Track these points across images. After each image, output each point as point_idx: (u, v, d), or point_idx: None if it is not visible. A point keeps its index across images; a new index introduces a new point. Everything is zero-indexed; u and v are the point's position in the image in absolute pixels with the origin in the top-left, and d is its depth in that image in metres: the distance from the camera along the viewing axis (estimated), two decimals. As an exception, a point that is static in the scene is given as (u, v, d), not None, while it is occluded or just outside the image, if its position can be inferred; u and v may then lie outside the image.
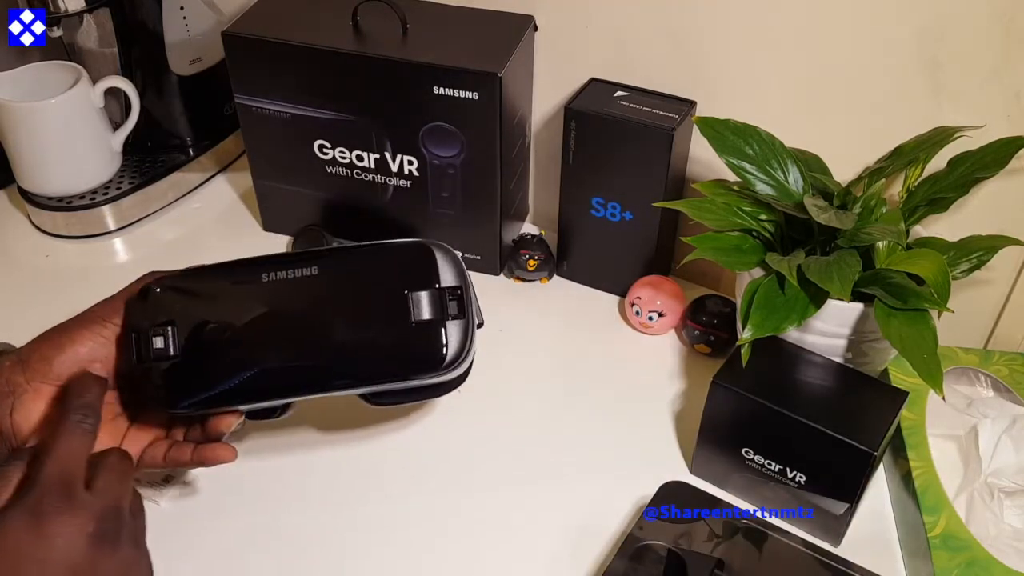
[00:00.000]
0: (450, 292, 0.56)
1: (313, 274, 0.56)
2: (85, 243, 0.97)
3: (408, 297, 0.55)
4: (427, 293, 0.55)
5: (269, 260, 0.59)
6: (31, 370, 0.55)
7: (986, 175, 0.68)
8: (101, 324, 0.57)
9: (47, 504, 0.45)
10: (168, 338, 0.55)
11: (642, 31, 0.81)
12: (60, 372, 0.55)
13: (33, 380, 0.55)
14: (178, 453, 0.59)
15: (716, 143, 0.72)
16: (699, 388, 0.78)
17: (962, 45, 0.69)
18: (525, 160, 0.94)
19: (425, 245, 0.57)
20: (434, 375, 0.56)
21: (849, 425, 0.62)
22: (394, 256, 0.58)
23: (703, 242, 0.69)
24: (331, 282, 0.57)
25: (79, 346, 0.56)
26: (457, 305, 0.56)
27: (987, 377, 0.75)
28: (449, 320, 0.55)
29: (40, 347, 0.57)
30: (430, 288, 0.56)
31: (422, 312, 0.55)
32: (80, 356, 0.56)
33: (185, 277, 0.58)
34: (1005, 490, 0.66)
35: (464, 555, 0.67)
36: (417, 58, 0.80)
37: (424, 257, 0.57)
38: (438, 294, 0.56)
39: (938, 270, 0.62)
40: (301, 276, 0.56)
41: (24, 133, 0.92)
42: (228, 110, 1.03)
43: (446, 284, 0.56)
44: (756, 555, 0.61)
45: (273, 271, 0.56)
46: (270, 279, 0.56)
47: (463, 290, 0.57)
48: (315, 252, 0.58)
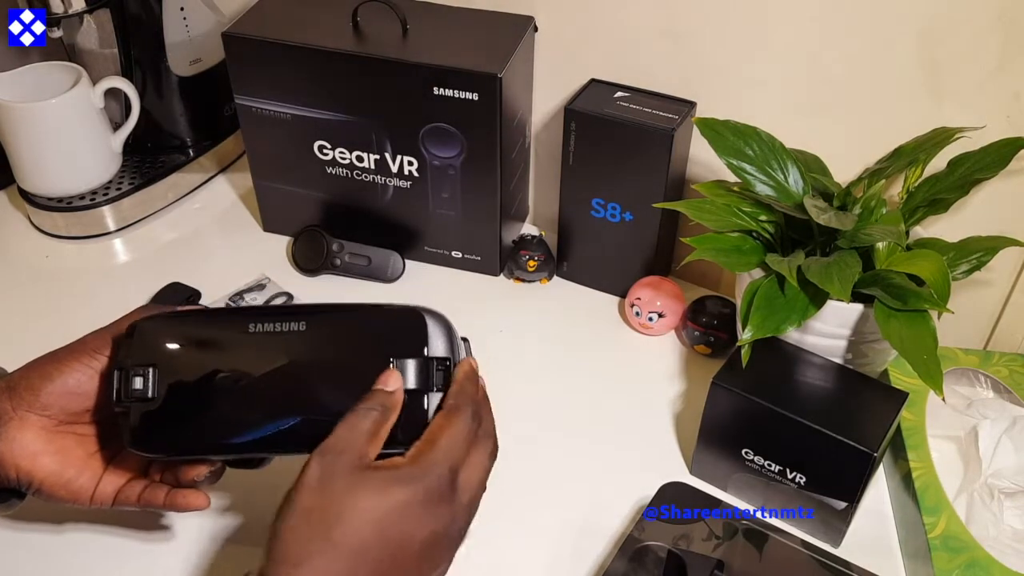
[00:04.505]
0: (438, 363, 0.55)
1: (300, 330, 0.55)
2: (85, 244, 0.97)
3: (392, 364, 0.54)
4: (413, 362, 0.54)
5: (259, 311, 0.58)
6: (18, 398, 0.55)
7: (986, 176, 0.68)
8: (91, 356, 0.56)
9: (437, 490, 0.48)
10: (148, 379, 0.54)
11: (642, 31, 0.81)
12: (47, 402, 0.55)
13: (19, 408, 0.54)
14: (152, 495, 0.58)
15: (716, 144, 0.72)
16: (699, 388, 0.78)
17: (962, 45, 0.69)
18: (525, 161, 0.94)
19: (417, 311, 0.56)
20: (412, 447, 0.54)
21: (849, 426, 0.62)
22: (385, 320, 0.57)
23: (703, 243, 0.69)
24: (317, 340, 0.55)
25: (67, 377, 0.55)
26: (443, 376, 0.54)
27: (987, 378, 0.75)
28: (433, 392, 0.54)
29: (28, 375, 0.56)
30: (417, 357, 0.54)
31: (406, 381, 0.54)
32: (68, 387, 0.55)
33: (174, 319, 0.57)
34: (1005, 491, 0.66)
35: (464, 555, 0.67)
36: (417, 59, 0.80)
37: (414, 324, 0.55)
38: (424, 363, 0.54)
39: (938, 271, 0.62)
40: (288, 331, 0.55)
41: (24, 133, 0.92)
42: (228, 110, 1.03)
43: (435, 354, 0.55)
44: (756, 556, 0.61)
45: (260, 322, 0.55)
46: (256, 330, 0.55)
47: (451, 362, 0.55)
48: (305, 307, 0.58)
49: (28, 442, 0.55)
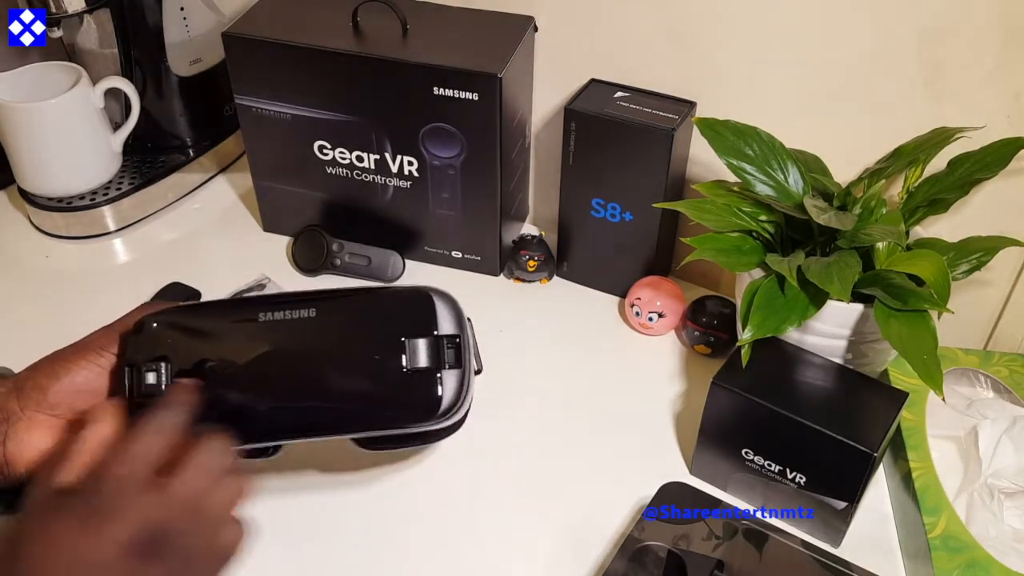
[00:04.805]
0: (448, 340, 0.55)
1: (311, 316, 0.56)
2: (85, 244, 0.97)
3: (404, 344, 0.55)
4: (424, 341, 0.55)
5: (267, 300, 0.58)
6: (25, 398, 0.54)
7: (986, 176, 0.68)
8: (98, 353, 0.56)
9: (102, 501, 0.45)
10: (160, 374, 0.54)
11: (642, 31, 0.81)
12: (55, 401, 0.54)
13: (27, 408, 0.54)
14: None
15: (716, 144, 0.72)
16: (699, 389, 0.78)
17: (962, 45, 0.69)
18: (525, 161, 0.94)
19: (424, 291, 0.57)
20: (428, 424, 0.56)
21: (849, 426, 0.62)
22: (393, 302, 0.58)
23: (703, 243, 0.69)
24: (328, 325, 0.56)
25: (75, 375, 0.55)
26: (454, 354, 0.55)
27: (987, 378, 0.75)
28: (445, 369, 0.55)
29: (35, 375, 0.55)
30: (427, 336, 0.55)
31: (418, 360, 0.55)
32: (76, 385, 0.55)
33: (182, 312, 0.58)
34: (1005, 491, 0.66)
35: (464, 555, 0.67)
36: (417, 58, 0.80)
37: (423, 304, 0.56)
38: (435, 342, 0.55)
39: (938, 271, 0.62)
40: (298, 318, 0.55)
41: (24, 133, 0.92)
42: (228, 110, 1.03)
43: (444, 332, 0.56)
44: (756, 556, 0.61)
45: (271, 311, 0.56)
46: (267, 319, 0.55)
47: (461, 339, 0.56)
48: (314, 294, 0.58)
49: (37, 442, 0.54)
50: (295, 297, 0.58)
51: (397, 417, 0.56)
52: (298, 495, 0.71)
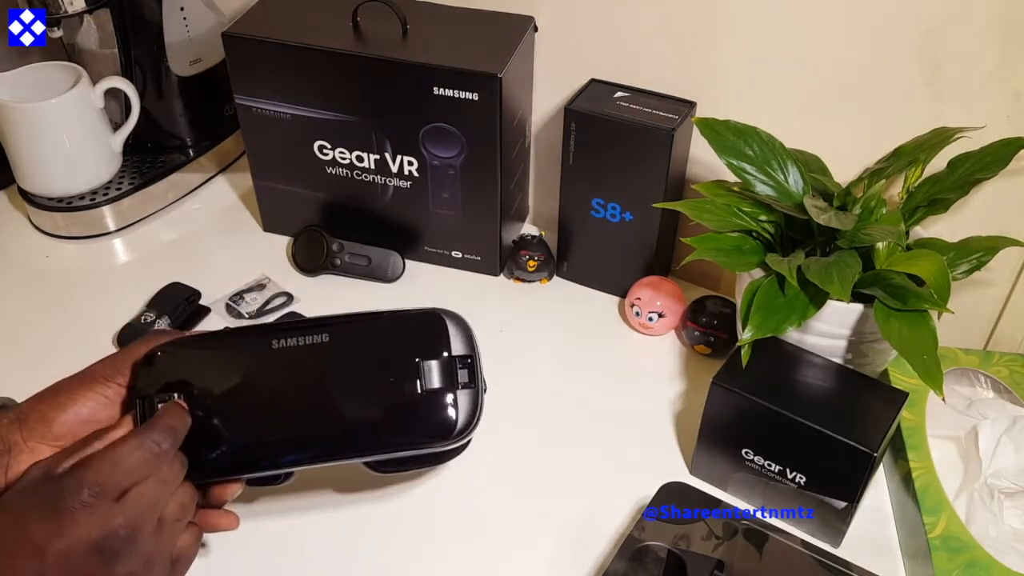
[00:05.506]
0: (460, 361, 0.56)
1: (323, 341, 0.56)
2: (85, 244, 0.97)
3: (418, 366, 0.55)
4: (437, 362, 0.56)
5: (279, 327, 0.59)
6: (29, 429, 0.53)
7: (986, 176, 0.68)
8: (103, 384, 0.55)
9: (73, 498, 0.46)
10: None
11: (642, 31, 0.81)
12: (59, 432, 0.53)
13: (31, 439, 0.53)
14: None
15: (716, 144, 0.72)
16: (699, 388, 0.78)
17: (962, 45, 0.69)
18: (525, 161, 0.94)
19: (436, 313, 0.58)
20: (444, 443, 0.56)
21: (849, 426, 0.62)
22: (405, 324, 0.58)
23: (703, 243, 0.69)
24: (341, 350, 0.56)
25: (80, 406, 0.54)
26: (467, 374, 0.56)
27: (987, 378, 0.75)
28: (459, 389, 0.56)
29: (39, 406, 0.54)
30: (440, 357, 0.56)
31: (432, 381, 0.55)
32: (81, 416, 0.54)
33: (192, 342, 0.58)
34: (1005, 491, 0.66)
35: (464, 555, 0.67)
36: (417, 59, 0.80)
37: (435, 325, 0.57)
38: (448, 363, 0.56)
39: (938, 271, 0.62)
40: (311, 344, 0.56)
41: (24, 133, 0.92)
42: (228, 110, 1.03)
43: (456, 353, 0.56)
44: (756, 556, 0.61)
45: (283, 338, 0.56)
46: (280, 346, 0.56)
47: (473, 359, 0.57)
48: (326, 319, 0.58)
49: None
50: (307, 323, 0.58)
51: (414, 438, 0.56)
52: (298, 496, 0.71)
